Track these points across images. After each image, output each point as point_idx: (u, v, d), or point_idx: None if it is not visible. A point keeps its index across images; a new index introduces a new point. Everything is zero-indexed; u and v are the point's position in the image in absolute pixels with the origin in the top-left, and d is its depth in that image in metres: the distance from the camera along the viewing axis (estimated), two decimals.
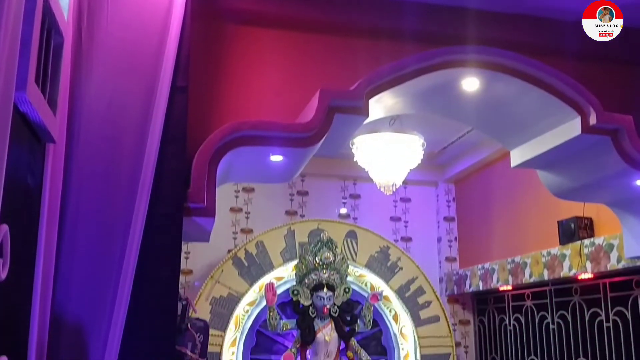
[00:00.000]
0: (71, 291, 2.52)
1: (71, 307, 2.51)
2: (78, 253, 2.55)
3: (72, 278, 2.52)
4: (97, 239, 2.58)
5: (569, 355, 5.19)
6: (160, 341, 2.73)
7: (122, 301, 2.57)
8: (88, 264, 2.56)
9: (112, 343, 2.55)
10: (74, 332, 2.53)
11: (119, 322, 2.57)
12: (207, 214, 3.06)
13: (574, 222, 4.84)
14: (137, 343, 2.65)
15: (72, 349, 2.52)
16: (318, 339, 5.79)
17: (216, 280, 5.97)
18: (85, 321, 2.54)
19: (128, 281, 2.58)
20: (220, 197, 6.13)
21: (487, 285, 6.12)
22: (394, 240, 6.86)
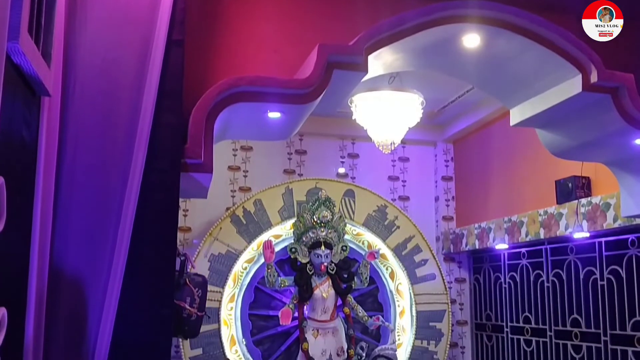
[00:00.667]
0: (69, 244, 2.53)
1: (70, 261, 2.53)
2: (75, 207, 2.56)
3: (70, 231, 2.53)
4: (94, 193, 2.58)
5: (562, 312, 5.27)
6: (159, 295, 2.76)
7: (120, 255, 2.59)
8: (86, 218, 2.56)
9: (110, 296, 2.58)
10: (73, 285, 2.56)
11: (117, 275, 2.60)
12: (205, 170, 3.06)
13: (572, 181, 4.85)
14: (136, 297, 2.68)
15: (72, 302, 2.55)
16: (315, 296, 5.87)
17: (215, 238, 6.01)
18: (84, 274, 2.56)
19: (126, 235, 2.59)
20: (218, 155, 6.12)
21: (483, 244, 6.17)
22: (392, 199, 6.88)
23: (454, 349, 6.75)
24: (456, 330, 6.78)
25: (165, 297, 2.81)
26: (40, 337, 2.42)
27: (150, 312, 2.71)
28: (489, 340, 6.48)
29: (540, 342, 5.56)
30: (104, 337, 2.58)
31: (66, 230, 2.56)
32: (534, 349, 5.65)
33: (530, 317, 5.74)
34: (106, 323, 2.58)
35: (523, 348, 5.82)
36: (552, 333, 5.40)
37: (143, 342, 2.70)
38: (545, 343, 5.48)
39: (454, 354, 6.75)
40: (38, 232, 2.43)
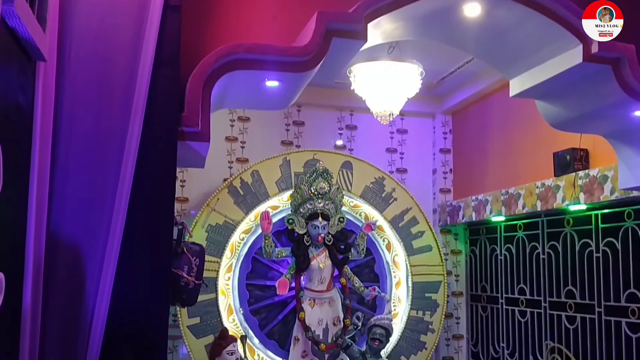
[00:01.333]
0: (66, 211, 2.53)
1: (67, 227, 2.53)
2: (72, 173, 2.55)
3: (67, 198, 2.52)
4: (91, 159, 2.57)
5: (557, 283, 5.32)
6: (156, 263, 2.77)
7: (117, 222, 2.59)
8: (83, 185, 2.56)
9: (108, 263, 2.58)
10: (70, 252, 2.56)
11: (115, 243, 2.60)
12: (202, 139, 3.05)
13: (570, 153, 4.84)
14: (134, 264, 2.69)
15: (69, 269, 2.56)
16: (312, 266, 5.91)
17: (212, 209, 6.01)
18: (82, 241, 2.56)
19: (123, 202, 2.58)
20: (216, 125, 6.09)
21: (480, 216, 6.19)
22: (389, 171, 6.88)
23: (449, 320, 6.82)
24: (451, 301, 6.84)
25: (162, 264, 2.82)
26: (38, 303, 2.43)
27: (148, 279, 2.72)
28: (483, 311, 6.55)
29: (534, 313, 5.62)
30: (102, 303, 2.59)
31: (63, 197, 2.55)
32: (528, 320, 5.71)
33: (525, 289, 5.79)
34: (104, 290, 2.59)
35: (517, 319, 5.89)
36: (546, 304, 5.45)
37: (141, 309, 2.72)
38: (539, 314, 5.54)
39: (449, 324, 6.82)
40: (35, 198, 2.42)
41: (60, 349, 2.50)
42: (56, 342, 2.50)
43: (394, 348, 6.17)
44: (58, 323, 2.51)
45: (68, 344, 2.52)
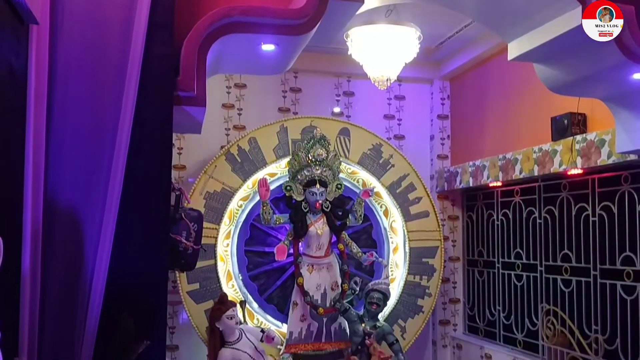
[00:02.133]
0: (63, 176, 2.53)
1: (64, 192, 2.53)
2: (68, 137, 2.54)
3: (64, 162, 2.52)
4: (87, 123, 2.56)
5: (553, 247, 5.36)
6: (154, 228, 2.78)
7: (115, 187, 2.59)
8: (79, 149, 2.55)
9: (106, 228, 2.59)
10: (68, 217, 2.57)
11: (112, 208, 2.60)
12: (198, 103, 3.03)
13: (568, 118, 4.83)
14: (132, 230, 2.70)
15: (68, 233, 2.57)
16: (310, 233, 5.94)
17: (209, 176, 6.01)
18: (79, 206, 2.56)
19: (120, 167, 2.58)
20: (212, 92, 6.05)
21: (477, 181, 6.20)
22: (387, 138, 6.86)
23: (446, 284, 6.90)
24: (448, 266, 6.90)
25: (160, 229, 2.83)
26: (37, 268, 2.44)
27: (147, 244, 2.74)
28: (480, 275, 6.61)
29: (530, 276, 5.68)
30: (100, 268, 2.61)
31: (60, 162, 2.55)
32: (524, 284, 5.78)
33: (521, 253, 5.84)
34: (102, 255, 2.60)
35: (514, 283, 5.95)
36: (542, 268, 5.51)
37: (140, 274, 2.74)
38: (535, 278, 5.60)
39: (445, 288, 6.90)
40: (31, 163, 2.42)
41: (60, 313, 2.52)
42: (56, 306, 2.52)
43: (391, 312, 6.25)
44: (57, 288, 2.53)
45: (68, 308, 2.55)
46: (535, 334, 5.41)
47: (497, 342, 6.16)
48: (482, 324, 6.51)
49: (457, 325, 6.92)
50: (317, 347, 5.88)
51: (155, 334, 2.63)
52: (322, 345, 5.90)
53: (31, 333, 2.40)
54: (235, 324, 5.28)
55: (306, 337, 5.86)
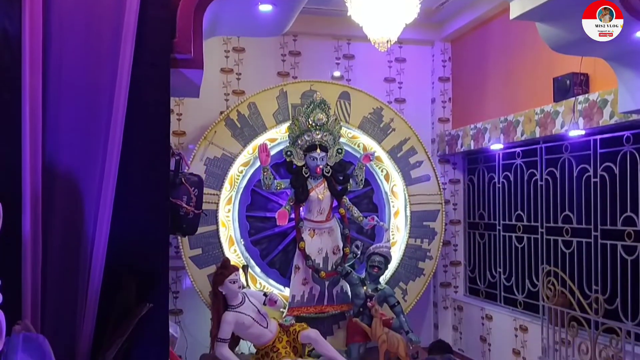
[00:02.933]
0: (61, 140, 2.50)
1: (62, 157, 2.51)
2: (65, 103, 2.50)
3: (61, 127, 2.49)
4: (83, 87, 2.52)
5: (554, 209, 5.37)
6: (154, 192, 2.76)
7: (113, 152, 2.56)
8: (76, 113, 2.52)
9: (106, 192, 2.58)
10: (67, 182, 2.55)
11: (111, 172, 2.58)
12: (195, 66, 2.98)
13: (570, 78, 4.77)
14: (131, 195, 2.68)
15: (67, 198, 2.55)
16: (311, 197, 5.95)
17: (210, 142, 5.99)
18: (78, 171, 2.54)
19: (118, 131, 2.55)
20: (210, 57, 5.98)
21: (478, 144, 6.17)
22: (388, 101, 6.81)
23: (447, 247, 6.93)
24: (449, 229, 6.93)
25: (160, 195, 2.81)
26: (38, 233, 2.44)
27: (147, 208, 2.72)
28: (481, 238, 6.64)
29: (531, 238, 5.70)
30: (101, 233, 2.60)
31: (57, 127, 2.52)
32: (525, 245, 5.80)
33: (522, 215, 5.85)
34: (103, 219, 2.59)
35: (514, 245, 5.98)
36: (543, 230, 5.52)
37: (141, 239, 2.73)
38: (536, 239, 5.62)
39: (446, 251, 6.94)
40: (28, 127, 2.40)
41: (62, 277, 2.53)
42: (58, 270, 2.52)
43: (392, 275, 6.30)
44: (58, 252, 2.53)
45: (70, 272, 2.55)
46: (536, 295, 5.45)
47: (498, 303, 6.22)
48: (483, 286, 6.57)
49: (458, 287, 6.98)
50: (319, 309, 5.95)
51: (157, 297, 2.64)
52: (324, 308, 5.97)
53: (34, 297, 2.41)
54: (238, 288, 5.32)
55: (308, 300, 5.92)
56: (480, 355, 6.33)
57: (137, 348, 2.56)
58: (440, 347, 4.57)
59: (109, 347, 2.42)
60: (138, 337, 2.54)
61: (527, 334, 5.53)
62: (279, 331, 5.54)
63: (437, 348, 4.54)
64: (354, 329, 5.70)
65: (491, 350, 6.14)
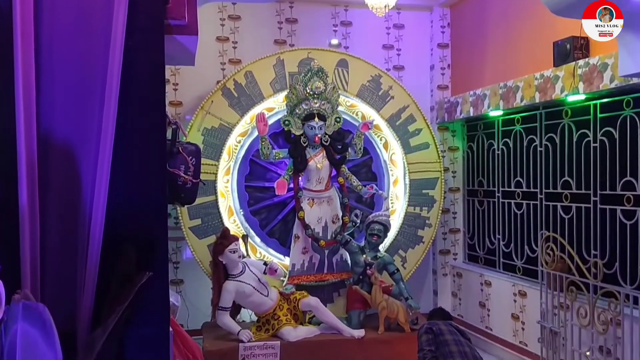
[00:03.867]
0: (55, 110, 2.47)
1: (57, 127, 2.48)
2: (58, 72, 2.47)
3: (55, 96, 2.46)
4: (76, 56, 2.48)
5: (554, 175, 5.36)
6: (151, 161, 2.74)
7: (109, 120, 2.53)
8: (70, 81, 2.48)
9: (102, 161, 2.55)
10: (63, 152, 2.53)
11: (107, 141, 2.56)
12: (190, 32, 2.93)
13: (570, 42, 4.71)
14: (128, 164, 2.66)
15: (63, 167, 2.54)
16: (310, 167, 5.94)
17: (207, 112, 5.95)
18: (74, 140, 2.52)
19: (113, 99, 2.51)
20: (206, 25, 5.91)
21: (477, 111, 6.13)
22: (386, 69, 6.75)
23: (446, 215, 6.94)
24: (448, 196, 6.93)
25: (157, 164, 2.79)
26: (35, 202, 2.43)
27: (144, 177, 2.70)
28: (480, 205, 6.64)
29: (530, 204, 5.70)
30: (99, 203, 2.59)
31: (51, 96, 2.49)
32: (524, 212, 5.81)
33: (521, 182, 5.84)
34: (100, 188, 2.58)
35: (514, 211, 5.98)
36: (542, 196, 5.52)
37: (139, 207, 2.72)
38: (535, 205, 5.62)
39: (445, 219, 6.95)
40: (22, 98, 2.36)
41: (61, 247, 2.52)
42: (56, 240, 2.52)
43: (391, 243, 6.32)
44: (56, 222, 2.52)
45: (68, 242, 2.54)
46: (535, 260, 5.47)
47: (497, 269, 6.25)
48: (482, 253, 6.59)
49: (457, 254, 7.02)
50: (319, 278, 5.99)
51: (156, 266, 2.63)
52: (324, 276, 6.01)
53: (33, 266, 2.41)
54: (238, 257, 5.35)
55: (308, 269, 5.96)
56: (479, 321, 6.39)
57: (138, 315, 2.57)
58: (441, 314, 4.61)
59: (110, 314, 2.42)
60: (139, 304, 2.55)
61: (526, 299, 5.57)
62: (280, 299, 5.59)
63: (438, 315, 4.58)
64: (354, 296, 5.75)
65: (490, 316, 6.20)
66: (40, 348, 2.16)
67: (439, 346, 4.11)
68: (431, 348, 4.11)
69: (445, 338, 4.14)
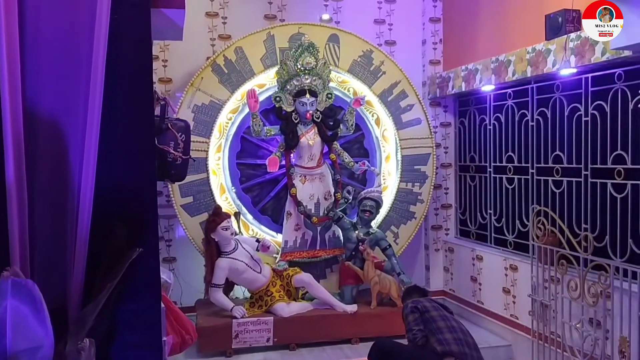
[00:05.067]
0: (41, 85, 2.43)
1: (44, 101, 2.45)
2: (43, 45, 2.42)
3: (41, 71, 2.42)
4: (62, 29, 2.44)
5: (545, 149, 5.36)
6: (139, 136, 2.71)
7: (95, 95, 2.49)
8: (55, 57, 2.44)
9: (90, 137, 2.53)
10: (50, 128, 2.50)
11: (94, 116, 2.52)
12: (176, 5, 2.89)
13: (562, 15, 4.67)
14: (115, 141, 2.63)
15: (51, 144, 2.51)
16: (302, 143, 5.92)
17: (197, 88, 5.89)
18: (61, 115, 2.49)
19: (99, 74, 2.47)
20: (194, 1, 5.81)
21: (469, 86, 6.11)
22: (378, 44, 6.69)
23: (438, 191, 6.95)
24: (440, 172, 6.93)
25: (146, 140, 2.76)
26: (23, 178, 2.40)
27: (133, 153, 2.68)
28: (472, 180, 6.65)
29: (522, 179, 5.72)
30: (87, 180, 2.56)
31: (37, 70, 2.44)
32: (515, 187, 5.82)
33: (513, 157, 5.85)
34: (88, 165, 2.55)
35: (505, 186, 6.00)
36: (533, 170, 5.53)
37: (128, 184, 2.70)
38: (526, 180, 5.63)
39: (437, 194, 6.96)
40: (6, 72, 2.32)
41: (50, 224, 2.50)
42: (45, 217, 2.50)
43: (384, 219, 6.34)
44: (45, 198, 2.50)
45: (57, 218, 2.52)
46: (526, 234, 5.50)
47: (488, 244, 6.28)
48: (474, 228, 6.62)
49: (449, 229, 7.04)
50: (312, 254, 6.01)
51: (147, 241, 2.62)
52: (317, 253, 6.03)
53: (22, 244, 2.39)
54: (230, 234, 5.35)
55: (301, 245, 5.97)
56: (471, 295, 6.44)
57: (129, 291, 2.57)
58: (419, 291, 4.65)
59: (100, 291, 2.42)
60: (129, 280, 2.54)
61: (517, 273, 5.61)
62: (273, 276, 5.61)
63: (416, 292, 4.61)
64: (347, 272, 5.78)
65: (481, 290, 6.25)
66: (30, 325, 2.15)
67: (426, 323, 4.13)
68: (420, 327, 4.12)
69: (431, 315, 4.17)
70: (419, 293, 4.60)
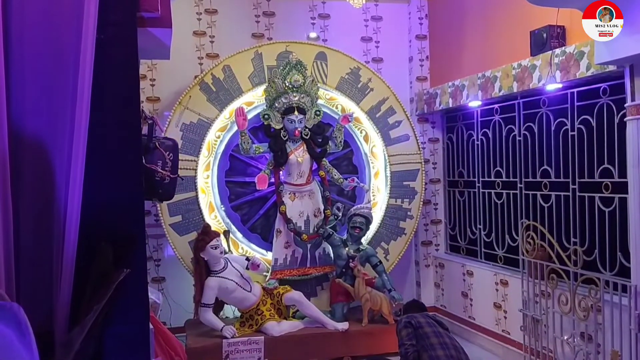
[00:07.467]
0: (27, 105, 2.41)
1: (29, 122, 2.43)
2: (28, 64, 2.41)
3: (26, 91, 2.40)
4: (47, 49, 2.42)
5: (533, 164, 5.39)
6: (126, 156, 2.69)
7: (82, 115, 2.48)
8: (41, 76, 2.43)
9: (76, 158, 2.50)
10: (35, 147, 2.47)
11: (81, 136, 2.50)
12: (163, 24, 2.89)
13: (546, 31, 4.73)
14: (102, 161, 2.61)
15: (36, 164, 2.48)
16: (291, 161, 5.91)
17: (185, 107, 5.89)
18: (46, 136, 2.47)
19: (86, 94, 2.46)
20: (182, 19, 5.83)
21: (456, 102, 6.15)
22: (365, 61, 6.74)
23: (427, 206, 6.96)
24: (429, 188, 6.95)
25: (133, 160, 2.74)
26: (8, 199, 2.37)
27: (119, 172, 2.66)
28: (460, 196, 6.67)
29: (510, 194, 5.74)
30: (73, 200, 2.54)
31: (22, 90, 2.43)
32: (504, 201, 5.84)
33: (501, 172, 5.87)
34: (74, 186, 2.53)
35: (494, 201, 6.01)
36: (522, 185, 5.55)
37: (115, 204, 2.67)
38: (515, 195, 5.66)
39: (427, 210, 6.97)
40: None
41: (36, 246, 2.47)
42: (31, 239, 2.46)
43: (374, 235, 6.32)
44: (30, 220, 2.47)
45: (43, 240, 2.49)
46: (516, 249, 5.51)
47: (479, 259, 6.28)
48: (464, 243, 6.63)
49: (439, 245, 7.04)
50: (302, 272, 5.97)
51: (135, 262, 2.59)
52: (307, 270, 6.00)
53: (7, 266, 2.35)
54: (219, 253, 5.31)
55: (291, 263, 5.94)
56: (462, 311, 6.42)
57: (116, 313, 2.53)
58: (417, 306, 4.64)
59: (87, 313, 2.38)
60: (117, 302, 2.51)
61: (508, 287, 5.61)
62: (263, 294, 5.56)
63: (414, 307, 4.60)
64: (337, 289, 5.74)
65: (473, 305, 6.24)
66: (15, 349, 2.11)
67: (419, 339, 4.12)
68: (412, 342, 4.11)
69: (424, 331, 4.15)
70: (417, 308, 4.58)
